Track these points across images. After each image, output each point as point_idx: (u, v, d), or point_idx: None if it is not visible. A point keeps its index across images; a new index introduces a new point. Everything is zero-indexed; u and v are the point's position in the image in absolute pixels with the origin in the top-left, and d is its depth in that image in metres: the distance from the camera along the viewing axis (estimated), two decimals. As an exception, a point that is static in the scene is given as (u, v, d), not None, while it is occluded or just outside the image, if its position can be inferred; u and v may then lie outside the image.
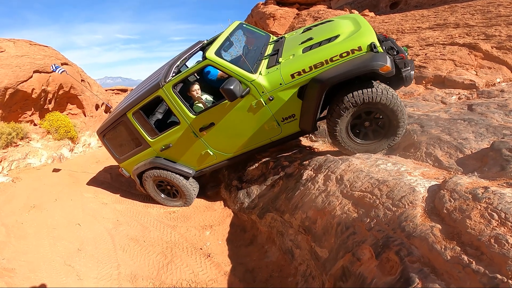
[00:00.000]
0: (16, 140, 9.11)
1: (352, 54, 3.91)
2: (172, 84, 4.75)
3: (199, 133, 4.99)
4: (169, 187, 6.06)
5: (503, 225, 2.02)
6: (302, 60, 4.21)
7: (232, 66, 4.39)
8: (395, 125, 4.06)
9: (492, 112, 4.46)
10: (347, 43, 4.02)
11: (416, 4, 16.74)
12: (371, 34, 4.06)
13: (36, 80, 9.83)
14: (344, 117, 4.06)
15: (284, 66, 4.30)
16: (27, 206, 6.18)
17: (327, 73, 3.94)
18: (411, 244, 2.29)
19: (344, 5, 21.16)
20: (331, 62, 3.98)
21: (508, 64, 6.37)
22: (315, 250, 3.31)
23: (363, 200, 3.12)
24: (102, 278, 4.28)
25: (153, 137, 5.37)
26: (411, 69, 4.15)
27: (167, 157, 5.59)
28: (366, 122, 4.20)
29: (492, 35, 7.47)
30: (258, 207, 4.92)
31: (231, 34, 5.21)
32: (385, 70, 3.68)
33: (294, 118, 4.49)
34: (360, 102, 3.88)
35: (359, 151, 4.33)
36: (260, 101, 4.41)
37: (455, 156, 3.66)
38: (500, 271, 1.79)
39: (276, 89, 4.30)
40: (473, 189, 2.47)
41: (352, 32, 4.29)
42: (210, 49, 4.52)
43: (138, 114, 5.24)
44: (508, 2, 9.98)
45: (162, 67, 5.81)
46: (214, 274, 4.19)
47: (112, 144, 6.03)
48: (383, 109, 3.95)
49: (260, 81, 4.32)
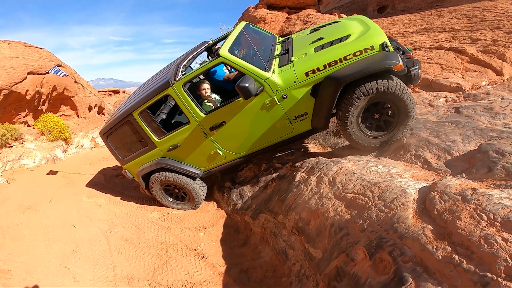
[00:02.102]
0: (10, 141, 9.01)
1: (365, 53, 3.98)
2: (183, 83, 4.68)
3: (209, 132, 4.89)
4: (177, 190, 5.90)
5: (491, 225, 2.07)
6: (316, 58, 4.22)
7: (246, 64, 4.36)
8: (405, 116, 4.11)
9: (478, 114, 4.52)
10: (360, 43, 4.07)
11: (403, 9, 16.90)
12: (382, 34, 4.13)
13: (30, 82, 9.71)
14: (356, 107, 4.05)
15: (297, 64, 4.30)
16: (22, 207, 6.09)
17: (342, 71, 3.97)
18: (404, 245, 2.33)
19: (332, 9, 21.30)
20: (345, 61, 4.02)
21: (493, 68, 6.45)
22: (309, 251, 3.34)
23: (356, 202, 3.15)
24: (98, 279, 4.25)
25: (160, 137, 5.23)
26: (419, 68, 4.22)
27: (174, 157, 5.44)
28: (376, 114, 4.22)
29: (478, 39, 7.57)
30: (251, 208, 4.94)
31: (240, 34, 5.13)
32: (398, 68, 3.79)
33: (306, 116, 4.47)
34: (374, 91, 3.89)
35: (369, 143, 4.36)
36: (274, 99, 4.38)
37: (443, 158, 3.69)
38: (490, 269, 1.84)
39: (290, 87, 4.29)
40: (462, 190, 2.52)
41: (362, 32, 4.34)
42: (223, 47, 4.47)
43: (145, 113, 5.11)
44: (493, 7, 10.11)
45: (168, 67, 5.72)
46: (209, 274, 4.19)
47: (115, 145, 5.83)
48: (395, 100, 3.99)
49: (274, 79, 4.31)
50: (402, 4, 17.89)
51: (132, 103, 5.25)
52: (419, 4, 16.19)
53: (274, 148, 5.02)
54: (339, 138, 5.55)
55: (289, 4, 18.76)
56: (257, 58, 4.56)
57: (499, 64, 6.46)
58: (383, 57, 3.84)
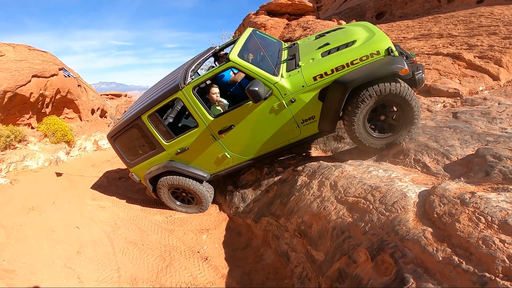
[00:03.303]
0: (14, 143, 9.02)
1: (371, 58, 4.05)
2: (193, 86, 4.70)
3: (217, 136, 4.91)
4: (184, 194, 5.89)
5: (489, 227, 2.11)
6: (324, 63, 4.28)
7: (255, 68, 4.39)
8: (410, 118, 4.16)
9: (476, 119, 4.57)
10: (366, 48, 4.14)
11: (401, 15, 17.00)
12: (387, 40, 4.20)
13: (34, 85, 9.73)
14: (363, 108, 4.09)
15: (305, 69, 4.35)
16: (25, 208, 6.09)
17: (350, 75, 4.03)
18: (405, 247, 2.37)
19: (331, 16, 21.36)
20: (352, 65, 4.09)
21: (490, 73, 6.52)
22: (311, 253, 3.37)
23: (357, 205, 3.19)
24: (103, 280, 4.27)
25: (168, 140, 5.22)
26: (422, 72, 4.29)
27: (181, 160, 5.43)
28: (382, 115, 4.28)
29: (474, 45, 7.64)
30: (253, 212, 4.96)
31: (248, 40, 5.16)
32: (404, 72, 3.86)
33: (314, 120, 4.52)
34: (383, 92, 3.95)
35: (375, 145, 4.41)
36: (282, 103, 4.42)
37: (442, 163, 3.74)
38: (488, 270, 1.88)
39: (298, 91, 4.33)
40: (461, 194, 2.56)
41: (368, 37, 4.40)
42: (233, 52, 4.50)
43: (154, 116, 5.10)
44: (489, 13, 10.19)
45: (175, 72, 5.73)
46: (212, 276, 4.21)
47: (123, 148, 5.79)
48: (401, 103, 4.05)
49: (283, 83, 4.35)
50: (400, 10, 18.00)
51: (141, 107, 5.25)
52: (417, 11, 16.29)
53: (281, 151, 5.06)
54: (339, 143, 5.59)
55: (289, 11, 18.85)
56: (265, 63, 4.60)
57: (496, 69, 6.53)
58: (390, 61, 3.91)
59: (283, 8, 18.71)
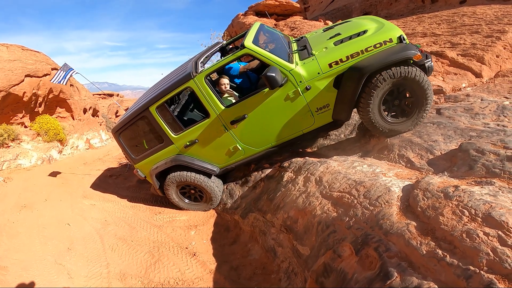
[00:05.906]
0: (7, 142, 8.97)
1: (385, 45, 4.05)
2: (205, 75, 4.53)
3: (230, 126, 4.70)
4: (193, 191, 5.56)
5: (473, 220, 2.05)
6: (338, 51, 4.22)
7: (270, 55, 4.29)
8: (423, 102, 4.10)
9: (459, 115, 4.52)
10: (379, 36, 4.12)
11: (386, 15, 16.96)
12: (398, 29, 4.19)
13: (27, 84, 9.67)
14: (378, 91, 4.03)
15: (320, 56, 4.28)
16: (18, 206, 6.01)
17: (365, 61, 4.00)
18: (389, 241, 2.30)
19: (318, 16, 21.31)
20: (366, 52, 4.06)
21: (472, 70, 6.48)
22: (297, 248, 3.29)
23: (342, 200, 3.12)
24: (92, 276, 4.17)
25: (177, 133, 4.95)
26: (431, 61, 4.32)
27: (190, 154, 5.13)
28: (396, 100, 4.21)
29: (457, 43, 7.60)
30: (241, 208, 4.89)
31: (258, 31, 5.02)
32: (417, 58, 3.87)
33: (328, 108, 4.42)
34: (398, 75, 3.91)
35: (390, 130, 4.31)
36: (298, 90, 4.31)
37: (426, 157, 3.69)
38: (473, 263, 1.82)
39: (313, 78, 4.24)
40: (445, 188, 2.50)
41: (378, 27, 4.38)
42: (247, 39, 4.39)
43: (163, 107, 4.84)
44: (472, 12, 10.18)
45: (183, 66, 5.50)
46: (200, 272, 4.12)
47: (128, 143, 5.42)
48: (415, 87, 4.01)
49: (299, 70, 4.26)
50: (385, 10, 17.99)
51: (148, 99, 4.99)
52: (401, 11, 16.28)
53: (292, 142, 4.90)
54: (325, 140, 5.51)
55: (277, 11, 18.75)
56: (279, 51, 4.51)
57: (478, 66, 6.50)
58: (403, 47, 3.92)
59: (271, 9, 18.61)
